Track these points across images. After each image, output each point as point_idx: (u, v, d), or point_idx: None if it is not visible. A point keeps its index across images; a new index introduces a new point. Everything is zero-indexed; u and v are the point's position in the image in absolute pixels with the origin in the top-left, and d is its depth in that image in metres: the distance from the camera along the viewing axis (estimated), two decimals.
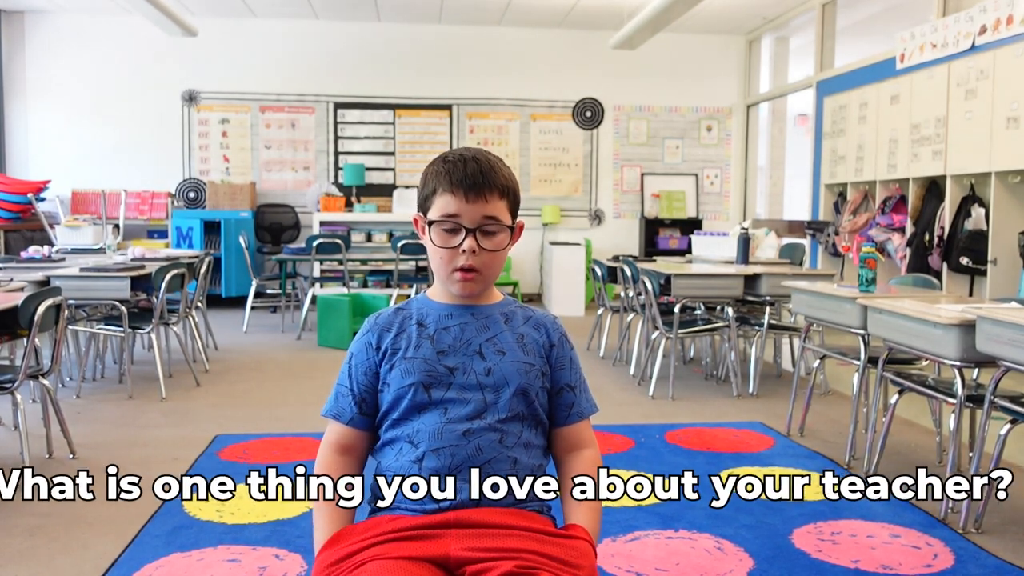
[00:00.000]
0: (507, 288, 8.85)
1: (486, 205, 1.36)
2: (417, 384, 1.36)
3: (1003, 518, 2.88)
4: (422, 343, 1.39)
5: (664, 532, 2.73)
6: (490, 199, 1.36)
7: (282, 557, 2.51)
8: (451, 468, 1.32)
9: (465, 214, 1.35)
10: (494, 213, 1.37)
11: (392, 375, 1.38)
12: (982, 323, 2.67)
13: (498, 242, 1.38)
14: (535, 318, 1.47)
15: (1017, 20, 5.06)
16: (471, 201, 1.35)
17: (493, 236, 1.38)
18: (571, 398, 1.45)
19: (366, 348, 1.42)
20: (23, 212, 7.78)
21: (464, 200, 1.35)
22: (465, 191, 1.35)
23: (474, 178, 1.35)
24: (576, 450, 1.45)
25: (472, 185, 1.35)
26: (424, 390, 1.36)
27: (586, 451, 1.45)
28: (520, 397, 1.37)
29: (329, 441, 1.42)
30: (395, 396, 1.37)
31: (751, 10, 8.44)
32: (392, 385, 1.38)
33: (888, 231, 6.35)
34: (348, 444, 1.41)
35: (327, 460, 1.41)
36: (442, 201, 1.36)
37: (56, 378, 4.49)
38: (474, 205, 1.35)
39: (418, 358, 1.38)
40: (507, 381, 1.37)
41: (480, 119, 9.27)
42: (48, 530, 2.72)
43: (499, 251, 1.38)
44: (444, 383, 1.36)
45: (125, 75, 8.81)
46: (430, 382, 1.36)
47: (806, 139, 10.11)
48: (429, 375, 1.36)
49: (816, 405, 4.51)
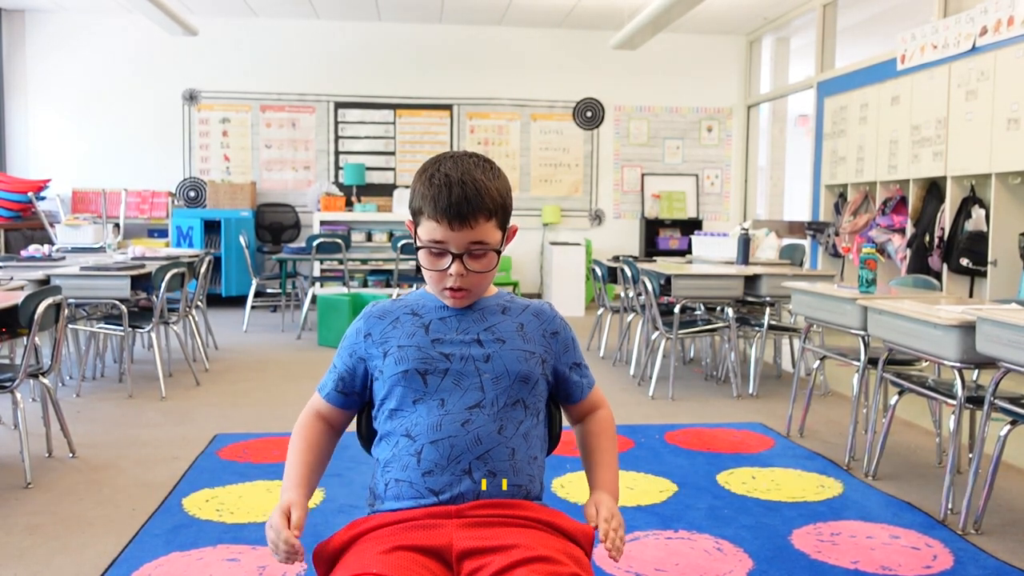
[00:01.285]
0: (507, 288, 8.85)
1: (472, 232, 1.34)
2: (411, 371, 1.36)
3: (1003, 519, 2.88)
4: (416, 331, 1.40)
5: (664, 532, 2.72)
6: (475, 226, 1.34)
7: None
8: (450, 459, 1.32)
9: (451, 241, 1.34)
10: (481, 238, 1.35)
11: (386, 363, 1.38)
12: (982, 324, 2.67)
13: (486, 263, 1.38)
14: (532, 307, 1.48)
15: (1018, 21, 5.06)
16: (456, 229, 1.33)
17: (480, 258, 1.37)
18: (580, 374, 1.50)
19: (356, 333, 1.45)
20: (23, 211, 7.78)
21: (449, 228, 1.33)
22: (450, 220, 1.33)
23: (459, 207, 1.32)
24: (591, 413, 1.53)
25: (457, 214, 1.32)
26: (419, 376, 1.36)
27: (600, 411, 1.54)
28: (520, 385, 1.38)
29: (310, 406, 1.48)
30: (390, 384, 1.37)
31: (752, 10, 8.44)
32: (386, 372, 1.38)
33: (888, 232, 6.35)
34: (324, 414, 1.47)
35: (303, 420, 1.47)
36: (428, 226, 1.35)
37: (56, 377, 4.49)
38: (460, 233, 1.34)
39: (411, 345, 1.38)
40: (507, 369, 1.37)
41: (481, 119, 9.27)
42: (47, 529, 2.72)
43: (487, 271, 1.39)
44: (440, 369, 1.36)
45: (126, 74, 8.81)
46: (425, 368, 1.36)
47: (806, 140, 10.12)
48: (423, 361, 1.36)
49: (816, 406, 4.51)
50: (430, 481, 1.31)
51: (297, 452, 1.42)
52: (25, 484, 3.11)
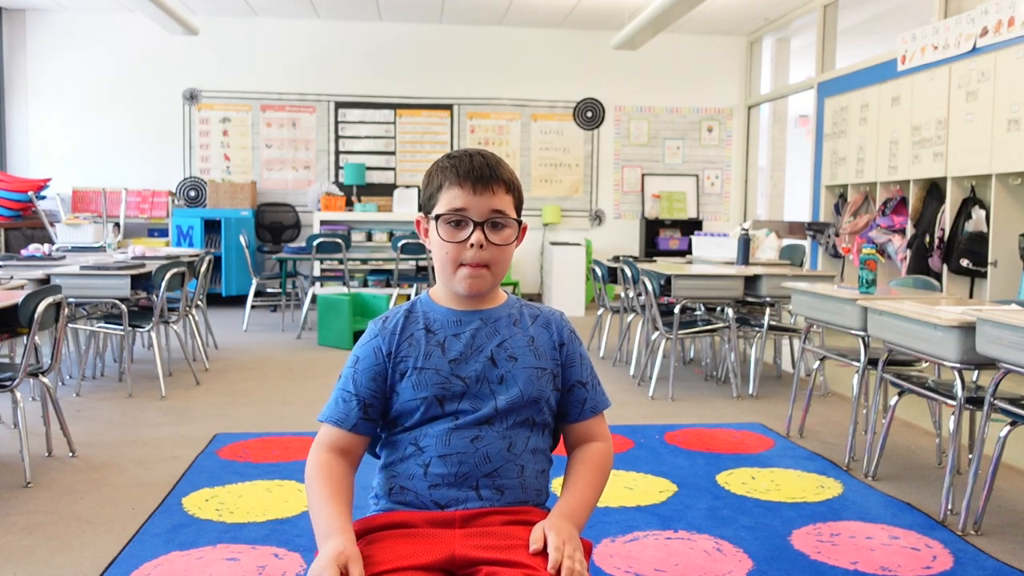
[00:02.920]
0: (507, 288, 8.83)
1: (493, 198, 1.35)
2: (431, 398, 1.33)
3: (1002, 520, 2.88)
4: (432, 351, 1.36)
5: (663, 533, 2.72)
6: (497, 192, 1.35)
7: (281, 556, 2.51)
8: (458, 476, 1.31)
9: (472, 207, 1.34)
10: (501, 207, 1.35)
11: (403, 385, 1.35)
12: (982, 325, 2.67)
13: (506, 236, 1.36)
14: (542, 316, 1.44)
15: (1018, 22, 5.06)
16: (478, 193, 1.34)
17: (501, 230, 1.36)
18: (583, 394, 1.43)
19: (375, 353, 1.37)
20: (24, 210, 7.78)
21: (471, 192, 1.34)
22: (472, 183, 1.34)
23: (481, 171, 1.34)
24: (587, 443, 1.44)
25: (479, 177, 1.34)
26: (438, 403, 1.33)
27: (595, 443, 1.43)
28: (532, 404, 1.36)
29: (324, 442, 1.35)
30: (408, 408, 1.34)
31: (752, 11, 8.44)
32: (403, 395, 1.35)
33: (888, 233, 6.35)
34: (346, 447, 1.36)
35: (322, 459, 1.34)
36: (449, 195, 1.35)
37: (56, 376, 4.49)
38: (481, 197, 1.34)
39: (430, 369, 1.34)
40: (520, 391, 1.35)
41: (481, 119, 9.27)
42: (47, 528, 2.72)
43: (507, 245, 1.36)
44: (457, 394, 1.34)
45: (126, 73, 8.81)
46: (443, 395, 1.34)
47: (807, 140, 10.12)
48: (443, 388, 1.34)
49: (816, 406, 4.51)
50: (436, 495, 1.31)
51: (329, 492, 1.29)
52: (25, 483, 3.11)
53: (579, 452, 1.44)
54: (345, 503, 1.29)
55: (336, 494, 1.29)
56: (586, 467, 1.40)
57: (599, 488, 1.40)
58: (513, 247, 1.38)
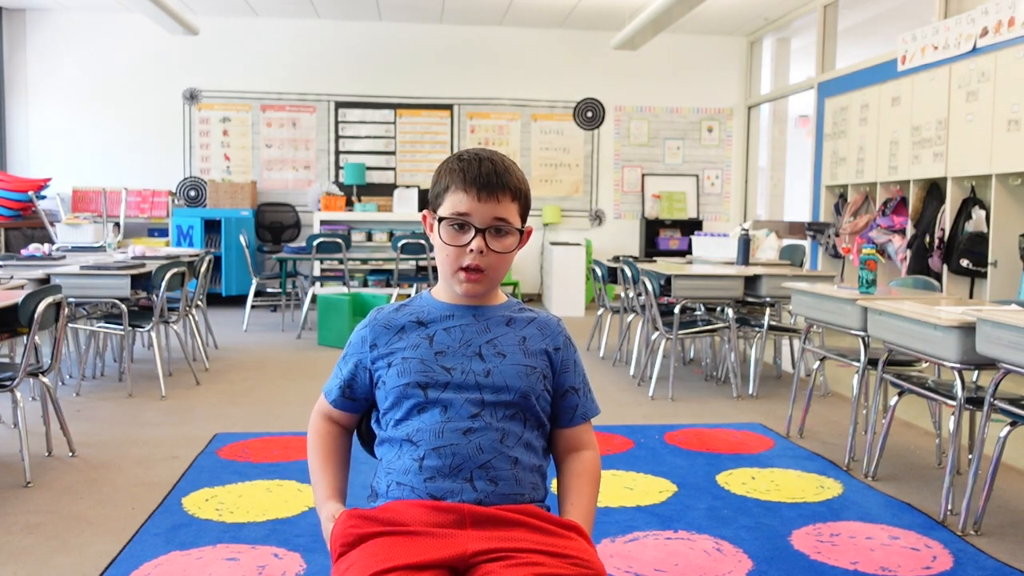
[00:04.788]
0: (507, 288, 8.85)
1: (497, 206, 1.36)
2: (412, 384, 1.36)
3: (1002, 520, 2.88)
4: (420, 343, 1.39)
5: (663, 533, 2.72)
6: (502, 200, 1.36)
7: (281, 556, 2.51)
8: (452, 468, 1.32)
9: (476, 213, 1.35)
10: (505, 215, 1.36)
11: (389, 374, 1.38)
12: (982, 325, 2.67)
13: (507, 244, 1.38)
14: (538, 320, 1.46)
15: (1018, 22, 5.06)
16: (483, 200, 1.35)
17: (502, 237, 1.37)
18: (575, 400, 1.45)
19: (361, 341, 1.44)
20: (24, 210, 7.78)
21: (476, 199, 1.35)
22: (478, 190, 1.35)
23: (488, 178, 1.35)
24: (577, 451, 1.45)
25: (485, 184, 1.35)
26: (420, 389, 1.35)
27: (586, 452, 1.45)
28: (521, 399, 1.37)
29: (319, 409, 1.51)
30: (395, 397, 1.37)
31: (752, 11, 8.44)
32: (388, 384, 1.38)
33: (889, 233, 6.35)
34: (335, 417, 1.49)
35: (317, 426, 1.50)
36: (454, 199, 1.36)
37: (56, 376, 4.49)
38: (486, 204, 1.35)
39: (415, 358, 1.37)
40: (507, 384, 1.36)
41: (481, 119, 9.27)
42: (47, 528, 2.72)
43: (507, 253, 1.38)
44: (440, 383, 1.35)
45: (126, 73, 8.81)
46: (426, 382, 1.36)
47: (807, 140, 10.12)
48: (425, 375, 1.36)
49: (816, 407, 4.51)
50: (432, 487, 1.31)
51: (321, 459, 1.46)
52: (25, 483, 3.11)
53: (573, 463, 1.45)
54: (336, 466, 1.46)
55: (328, 460, 1.46)
56: (583, 480, 1.43)
57: (596, 497, 1.45)
58: (514, 253, 1.40)
